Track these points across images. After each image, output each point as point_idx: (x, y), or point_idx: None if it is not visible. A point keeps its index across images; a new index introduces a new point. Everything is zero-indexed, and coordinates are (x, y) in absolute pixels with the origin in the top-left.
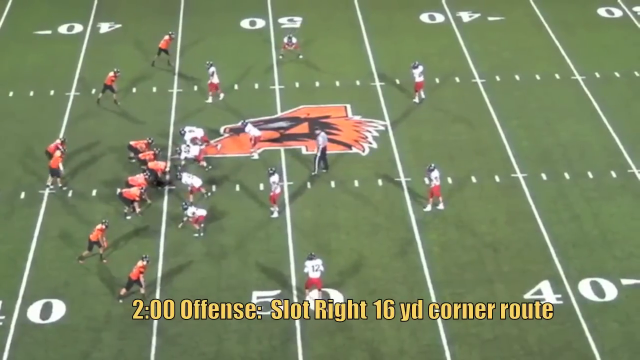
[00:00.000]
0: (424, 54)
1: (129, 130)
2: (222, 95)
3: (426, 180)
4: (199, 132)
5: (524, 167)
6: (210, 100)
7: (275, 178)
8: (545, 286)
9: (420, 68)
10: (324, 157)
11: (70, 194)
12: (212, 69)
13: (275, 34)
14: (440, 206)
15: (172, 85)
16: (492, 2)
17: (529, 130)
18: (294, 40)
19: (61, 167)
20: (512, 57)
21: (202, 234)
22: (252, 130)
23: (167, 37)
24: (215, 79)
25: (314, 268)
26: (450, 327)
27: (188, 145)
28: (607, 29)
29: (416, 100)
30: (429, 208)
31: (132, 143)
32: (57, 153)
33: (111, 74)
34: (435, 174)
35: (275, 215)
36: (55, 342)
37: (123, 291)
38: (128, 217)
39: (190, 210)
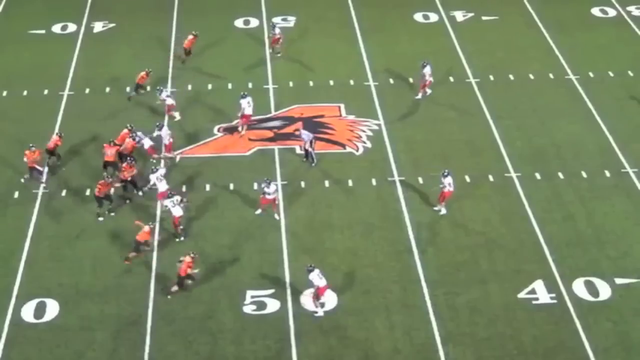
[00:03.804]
0: (418, 53)
1: (121, 129)
2: (177, 116)
3: (441, 184)
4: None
5: (518, 167)
6: (178, 117)
7: (272, 188)
8: (539, 286)
9: (429, 67)
10: (309, 151)
11: (64, 193)
12: (165, 92)
13: (269, 33)
14: (442, 211)
15: (166, 84)
16: (486, 1)
17: (523, 130)
18: (277, 31)
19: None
20: (506, 57)
21: (182, 238)
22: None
23: (191, 36)
24: (169, 101)
25: (319, 276)
26: (444, 326)
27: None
28: (601, 29)
29: (419, 96)
30: (443, 211)
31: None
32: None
33: (143, 73)
34: (449, 179)
35: (276, 217)
36: (48, 342)
37: (175, 288)
38: (100, 219)
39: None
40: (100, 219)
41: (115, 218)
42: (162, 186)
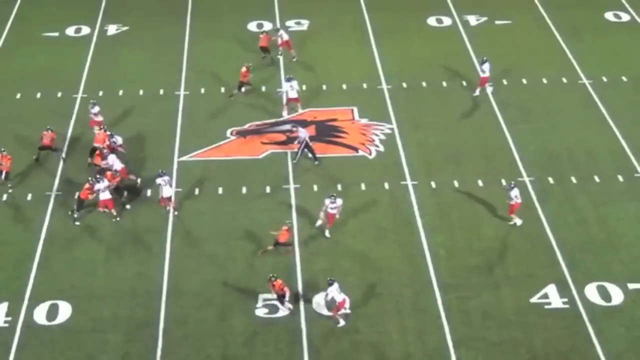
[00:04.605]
0: (431, 57)
1: (135, 132)
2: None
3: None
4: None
5: (531, 171)
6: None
7: (339, 202)
8: (551, 290)
9: (488, 63)
10: (310, 149)
11: (76, 195)
12: (96, 108)
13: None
14: (518, 222)
15: (179, 87)
16: (500, 5)
17: (536, 134)
18: (285, 36)
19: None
20: (519, 61)
21: (177, 213)
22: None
23: (263, 35)
24: (99, 117)
25: (338, 291)
26: (456, 330)
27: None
28: (615, 33)
29: (477, 93)
30: (518, 222)
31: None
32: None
33: (243, 69)
34: (515, 192)
35: (327, 235)
36: (61, 344)
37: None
38: (77, 223)
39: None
40: (77, 223)
41: (129, 220)
42: (105, 195)
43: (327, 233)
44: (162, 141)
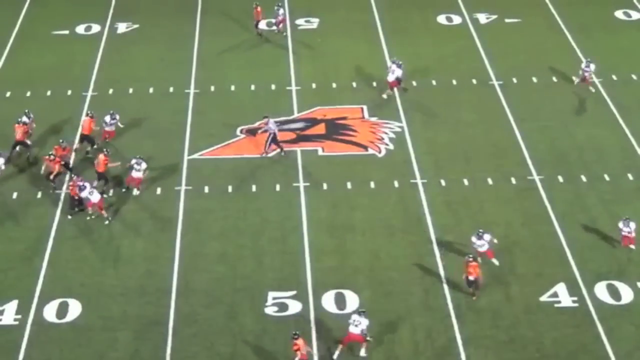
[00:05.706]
0: (440, 55)
1: (145, 130)
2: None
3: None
4: None
5: (541, 170)
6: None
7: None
8: (561, 289)
9: (593, 64)
10: (276, 141)
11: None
12: (28, 117)
13: (292, 35)
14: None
15: (188, 85)
16: (510, 4)
17: (546, 133)
18: (281, 12)
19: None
20: (529, 59)
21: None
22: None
23: (259, 9)
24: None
25: (354, 323)
26: (466, 329)
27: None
28: (625, 32)
29: (592, 89)
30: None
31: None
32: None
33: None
34: (633, 226)
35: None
36: (70, 342)
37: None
38: (69, 217)
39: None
40: (70, 217)
41: (136, 218)
42: (95, 197)
43: (495, 261)
44: (172, 139)
